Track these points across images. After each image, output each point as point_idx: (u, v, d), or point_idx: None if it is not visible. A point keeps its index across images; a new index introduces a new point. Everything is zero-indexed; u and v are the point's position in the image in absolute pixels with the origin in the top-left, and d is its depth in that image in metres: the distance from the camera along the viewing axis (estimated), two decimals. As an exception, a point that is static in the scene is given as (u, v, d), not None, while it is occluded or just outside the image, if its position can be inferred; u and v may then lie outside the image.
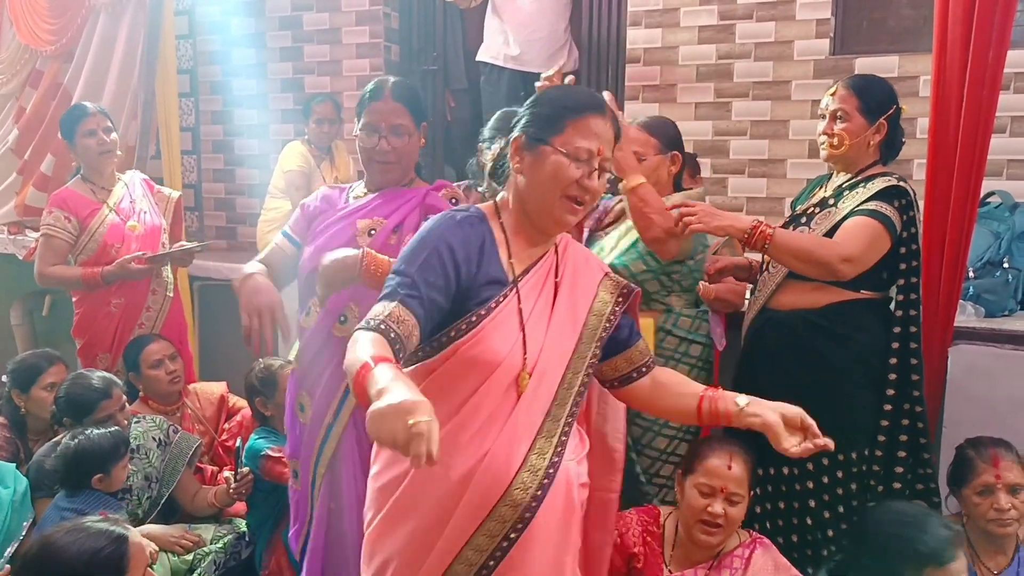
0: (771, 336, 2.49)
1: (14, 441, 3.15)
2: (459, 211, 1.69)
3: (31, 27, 4.90)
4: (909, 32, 3.51)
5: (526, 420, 1.61)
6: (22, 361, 3.26)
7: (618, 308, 1.74)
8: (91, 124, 3.35)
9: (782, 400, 2.40)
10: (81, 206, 3.35)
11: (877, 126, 2.36)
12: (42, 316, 5.15)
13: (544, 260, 1.70)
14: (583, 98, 1.65)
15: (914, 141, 3.37)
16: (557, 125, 1.59)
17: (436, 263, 1.56)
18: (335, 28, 4.66)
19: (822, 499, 2.45)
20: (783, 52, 3.68)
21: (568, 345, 1.68)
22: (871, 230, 2.28)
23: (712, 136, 3.83)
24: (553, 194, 1.60)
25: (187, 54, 4.99)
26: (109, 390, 2.85)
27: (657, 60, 3.92)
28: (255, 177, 4.87)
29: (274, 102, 4.84)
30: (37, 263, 3.39)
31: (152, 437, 2.93)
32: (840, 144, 2.37)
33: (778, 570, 2.19)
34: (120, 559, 1.66)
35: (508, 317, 1.61)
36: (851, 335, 2.40)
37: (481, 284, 1.60)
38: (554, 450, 1.63)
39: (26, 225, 4.98)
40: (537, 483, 1.60)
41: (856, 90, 2.37)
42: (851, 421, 2.42)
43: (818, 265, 2.29)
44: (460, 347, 1.58)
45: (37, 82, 5.03)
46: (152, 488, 2.90)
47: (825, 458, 2.41)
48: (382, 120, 2.17)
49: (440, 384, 1.59)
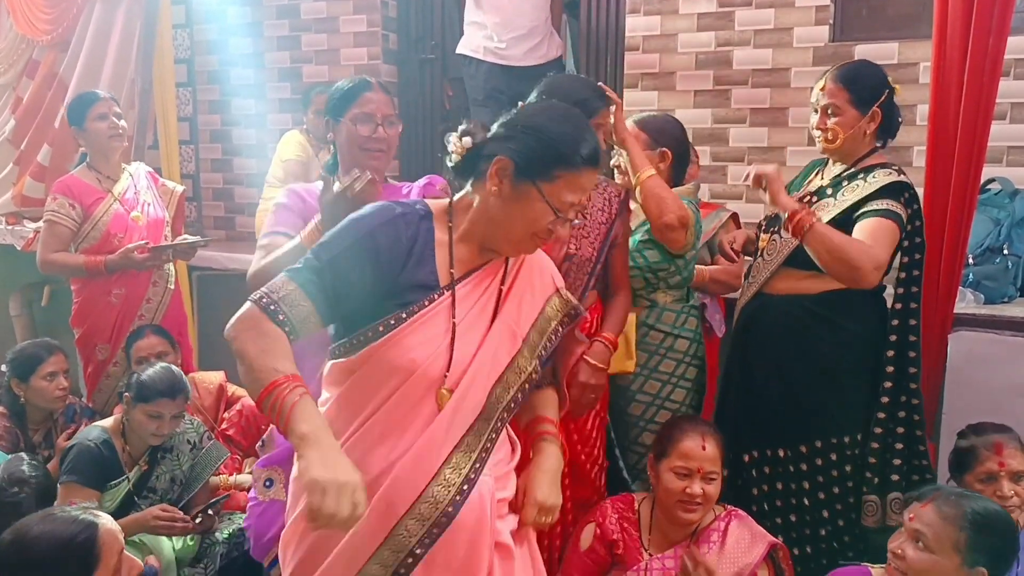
0: (764, 320, 2.50)
1: (14, 431, 3.16)
2: (401, 204, 1.62)
3: (27, 16, 4.87)
4: (909, 18, 3.49)
5: (444, 434, 1.55)
6: (21, 351, 3.26)
7: (561, 328, 1.70)
8: (102, 108, 3.35)
9: (772, 385, 2.48)
10: (86, 194, 3.35)
11: (871, 114, 2.34)
12: (41, 306, 5.15)
13: (488, 266, 1.64)
14: (584, 148, 1.54)
15: (914, 128, 3.38)
16: (549, 172, 1.52)
17: (354, 258, 1.51)
18: (333, 17, 4.64)
19: (816, 480, 2.46)
20: (782, 39, 3.66)
21: (504, 357, 1.61)
22: (890, 232, 2.29)
23: (711, 124, 3.82)
24: (523, 232, 1.56)
25: (184, 43, 4.97)
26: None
27: (656, 48, 3.91)
28: (253, 167, 4.86)
29: (272, 91, 4.83)
30: (40, 249, 3.39)
31: (187, 440, 2.91)
32: (835, 138, 2.36)
33: (754, 538, 2.23)
34: (91, 546, 1.65)
35: (432, 323, 1.55)
36: (845, 324, 2.40)
37: (406, 287, 1.54)
38: (472, 465, 1.57)
39: (23, 215, 4.97)
40: (449, 498, 1.53)
41: (845, 82, 2.34)
42: (842, 406, 2.44)
43: (851, 268, 2.24)
44: (375, 351, 1.53)
45: (34, 72, 5.00)
46: (174, 491, 2.89)
47: (818, 440, 2.43)
48: (378, 110, 2.21)
49: (358, 385, 1.55)
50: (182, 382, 2.83)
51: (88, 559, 1.64)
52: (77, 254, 3.34)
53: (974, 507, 1.87)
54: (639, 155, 2.45)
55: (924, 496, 1.94)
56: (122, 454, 2.82)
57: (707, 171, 3.73)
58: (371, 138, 2.21)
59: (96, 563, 1.64)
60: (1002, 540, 1.89)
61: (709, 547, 2.21)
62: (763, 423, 2.49)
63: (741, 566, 2.18)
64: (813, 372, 2.41)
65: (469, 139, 1.59)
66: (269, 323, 1.46)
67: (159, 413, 2.76)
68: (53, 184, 3.49)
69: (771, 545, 2.22)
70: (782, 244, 2.44)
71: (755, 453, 2.54)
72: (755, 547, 2.20)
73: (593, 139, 1.58)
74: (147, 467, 2.85)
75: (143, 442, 2.82)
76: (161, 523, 2.67)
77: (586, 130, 1.59)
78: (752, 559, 2.19)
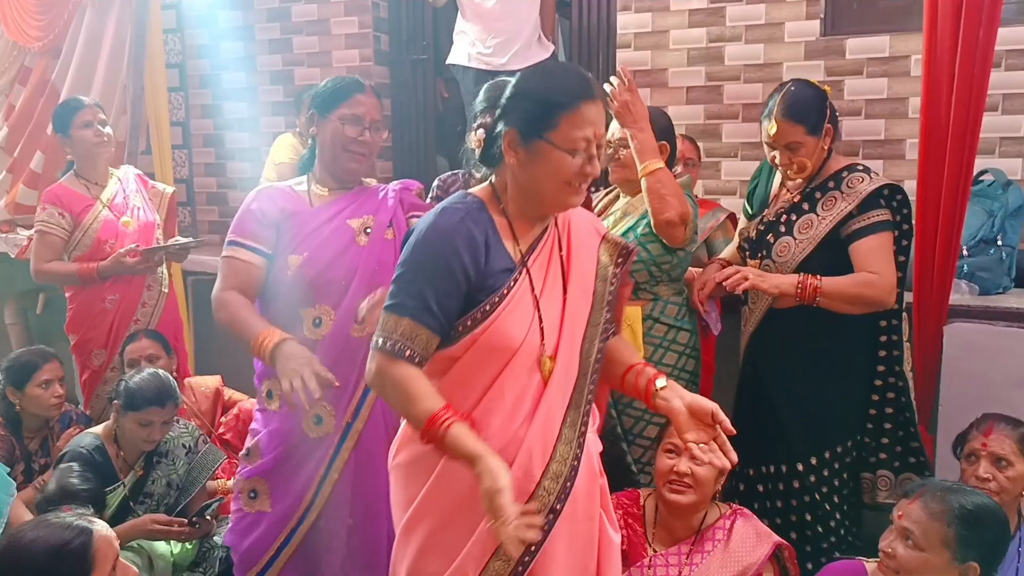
0: (772, 336, 2.53)
1: (9, 439, 3.16)
2: (456, 205, 1.65)
3: (19, 23, 4.86)
4: (899, 11, 3.50)
5: (558, 398, 1.64)
6: (16, 359, 3.25)
7: (619, 270, 1.76)
8: (87, 116, 3.34)
9: (781, 398, 2.49)
10: (75, 202, 3.33)
11: (825, 131, 2.39)
12: (36, 314, 5.13)
13: (547, 235, 1.70)
14: (572, 86, 1.59)
15: (906, 121, 3.38)
16: (550, 120, 1.56)
17: (445, 270, 1.57)
18: (324, 19, 4.63)
19: (820, 492, 2.48)
20: (774, 34, 3.67)
21: (583, 316, 1.69)
22: (888, 245, 2.37)
23: (704, 120, 3.82)
24: (556, 185, 1.59)
25: (175, 48, 4.96)
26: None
27: (648, 44, 3.90)
28: (246, 170, 4.85)
29: (264, 95, 4.82)
30: (32, 260, 3.38)
31: (182, 444, 2.91)
32: (803, 168, 2.41)
33: (760, 537, 2.22)
34: (86, 552, 1.64)
35: (521, 301, 1.62)
36: (844, 326, 2.41)
37: (490, 275, 1.61)
38: (581, 419, 1.67)
39: (17, 223, 4.96)
40: (572, 453, 1.64)
41: (796, 118, 2.36)
42: (844, 413, 2.48)
43: (873, 304, 2.36)
44: (477, 337, 1.60)
45: (26, 79, 4.99)
46: (171, 495, 2.88)
47: (814, 457, 2.46)
48: (367, 113, 2.22)
49: (464, 372, 1.62)
50: (170, 388, 2.82)
51: (82, 566, 1.63)
52: (70, 263, 3.33)
53: (961, 502, 1.86)
54: (651, 143, 2.43)
55: (911, 492, 1.94)
56: (116, 460, 2.81)
57: (701, 167, 3.73)
58: (357, 140, 2.21)
59: (90, 570, 1.63)
60: (991, 533, 1.88)
61: (714, 544, 2.21)
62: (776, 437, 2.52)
63: (745, 565, 2.17)
64: (819, 384, 2.44)
65: (482, 130, 1.67)
66: (402, 364, 1.56)
67: (149, 421, 2.75)
68: (42, 193, 3.48)
69: (776, 545, 2.21)
70: (778, 268, 2.46)
71: (750, 471, 2.58)
72: (760, 546, 2.19)
73: (579, 75, 1.62)
74: (143, 472, 2.84)
75: (136, 448, 2.82)
76: (158, 528, 2.66)
77: (569, 71, 1.65)
78: (756, 558, 2.17)
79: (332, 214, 2.23)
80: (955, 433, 2.38)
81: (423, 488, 1.65)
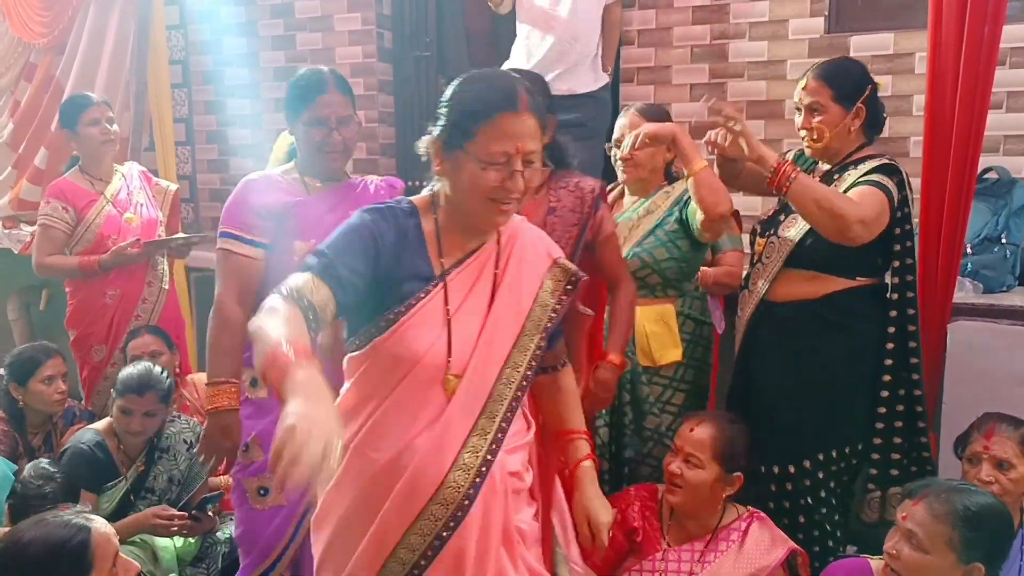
0: (768, 329, 2.48)
1: (12, 435, 3.16)
2: (387, 203, 1.66)
3: (23, 19, 4.86)
4: (904, 8, 3.49)
5: (458, 421, 1.58)
6: (19, 354, 3.26)
7: (565, 297, 1.69)
8: (95, 113, 3.35)
9: (779, 399, 2.45)
10: (78, 196, 3.34)
11: (855, 111, 2.33)
12: (39, 310, 5.14)
13: (480, 252, 1.64)
14: (494, 96, 1.53)
15: (910, 118, 3.37)
16: (470, 130, 1.51)
17: (357, 245, 1.54)
18: (327, 15, 4.62)
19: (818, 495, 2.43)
20: (778, 31, 3.66)
21: (508, 339, 1.63)
22: (878, 199, 2.26)
23: (708, 117, 3.80)
24: (476, 199, 1.55)
25: (179, 44, 4.95)
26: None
27: (651, 42, 3.90)
28: (249, 167, 4.78)
29: (267, 91, 4.81)
30: (35, 253, 3.39)
31: (183, 439, 2.92)
32: (820, 137, 2.34)
33: (774, 542, 2.24)
34: (84, 550, 1.65)
35: (430, 314, 1.57)
36: (850, 325, 2.38)
37: (402, 278, 1.57)
38: (488, 447, 1.59)
39: (21, 219, 4.96)
40: (469, 481, 1.57)
41: (827, 79, 2.32)
42: (849, 418, 2.42)
43: (835, 216, 2.21)
44: (379, 345, 1.57)
45: (31, 75, 4.99)
46: (173, 490, 2.89)
47: (820, 453, 2.41)
48: (332, 113, 2.20)
49: (369, 375, 1.60)
50: (155, 380, 2.82)
51: (82, 563, 1.64)
52: (71, 256, 3.34)
53: (965, 503, 1.85)
54: (691, 145, 2.42)
55: (915, 493, 1.93)
56: (117, 454, 2.83)
57: (704, 164, 3.72)
58: (327, 141, 2.21)
59: (90, 567, 1.64)
60: (996, 534, 1.88)
61: (728, 545, 2.22)
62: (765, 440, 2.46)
63: (758, 568, 2.19)
64: (819, 386, 2.39)
65: (427, 136, 1.61)
66: (291, 305, 1.41)
67: (129, 409, 2.77)
68: (46, 188, 3.49)
69: (791, 551, 2.21)
70: (780, 244, 2.42)
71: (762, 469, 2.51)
72: (774, 550, 2.21)
73: (506, 85, 1.54)
74: (144, 467, 2.85)
75: (127, 439, 2.83)
76: (160, 522, 2.66)
77: (499, 79, 1.59)
78: (770, 562, 2.19)
79: (333, 204, 2.24)
80: (958, 432, 2.37)
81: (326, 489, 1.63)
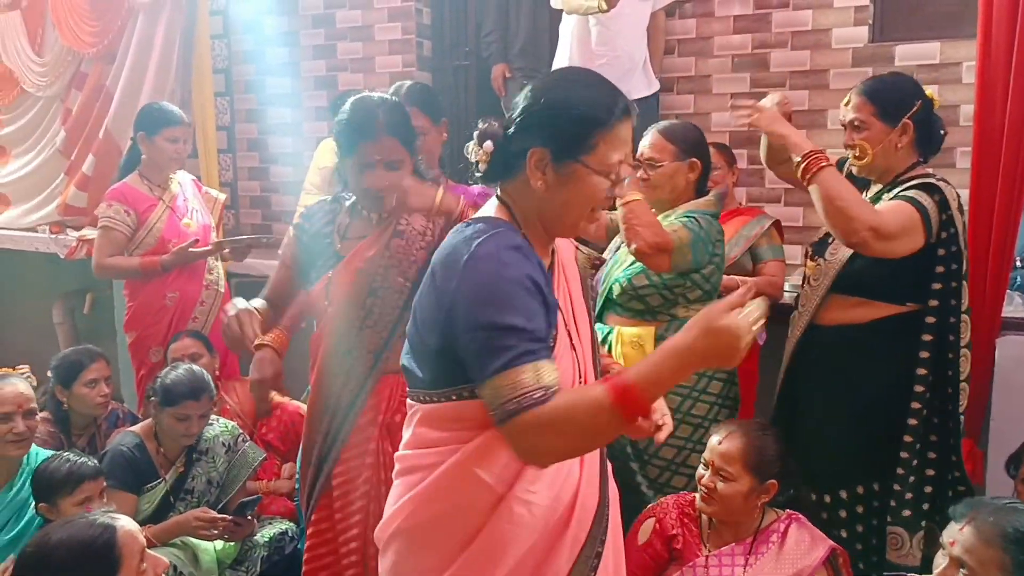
0: (814, 353, 2.44)
1: (58, 436, 3.21)
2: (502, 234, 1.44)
3: (74, 30, 4.97)
4: (950, 17, 3.44)
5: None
6: (65, 358, 3.31)
7: (592, 281, 1.73)
8: (178, 133, 3.44)
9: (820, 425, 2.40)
10: (139, 200, 3.43)
11: (901, 127, 2.26)
12: (83, 314, 5.24)
13: (554, 260, 1.58)
14: (609, 102, 1.45)
15: (957, 129, 3.31)
16: (588, 142, 1.42)
17: (537, 305, 1.39)
18: (367, 25, 4.67)
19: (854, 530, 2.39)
20: (820, 40, 3.62)
21: (589, 341, 1.61)
22: (906, 214, 2.20)
23: (748, 127, 3.78)
24: (580, 211, 1.47)
25: (222, 53, 5.03)
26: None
27: (692, 51, 3.88)
28: (289, 175, 4.90)
29: (307, 100, 4.87)
30: (95, 254, 3.47)
31: (221, 442, 2.95)
32: (863, 154, 2.29)
33: (814, 541, 2.21)
34: (111, 550, 1.66)
35: (563, 340, 1.50)
36: (896, 352, 2.32)
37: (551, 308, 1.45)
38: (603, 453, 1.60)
39: (67, 225, 5.06)
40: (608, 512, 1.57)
41: (870, 96, 2.28)
42: (892, 450, 2.34)
43: (847, 219, 2.16)
44: None
45: (81, 84, 5.09)
46: (212, 492, 2.92)
47: (860, 485, 2.37)
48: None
49: None
50: (204, 382, 2.87)
51: (109, 561, 1.65)
52: (131, 257, 3.42)
53: (1015, 524, 1.77)
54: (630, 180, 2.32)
55: (961, 517, 1.86)
56: (156, 456, 2.86)
57: (744, 175, 3.70)
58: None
59: (118, 565, 1.65)
60: None
61: (768, 547, 2.21)
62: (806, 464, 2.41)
63: (799, 567, 2.17)
64: (862, 413, 2.34)
65: (490, 143, 1.51)
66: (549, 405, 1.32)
67: (186, 415, 2.80)
68: (105, 192, 3.57)
69: (832, 549, 2.20)
70: (827, 266, 2.39)
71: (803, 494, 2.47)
72: (815, 550, 2.19)
73: (613, 89, 1.47)
74: (183, 469, 2.88)
75: (176, 443, 2.86)
76: (201, 524, 2.69)
77: (603, 84, 1.49)
78: (811, 561, 2.17)
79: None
80: (1006, 447, 2.32)
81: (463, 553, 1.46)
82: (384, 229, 2.22)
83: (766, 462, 2.23)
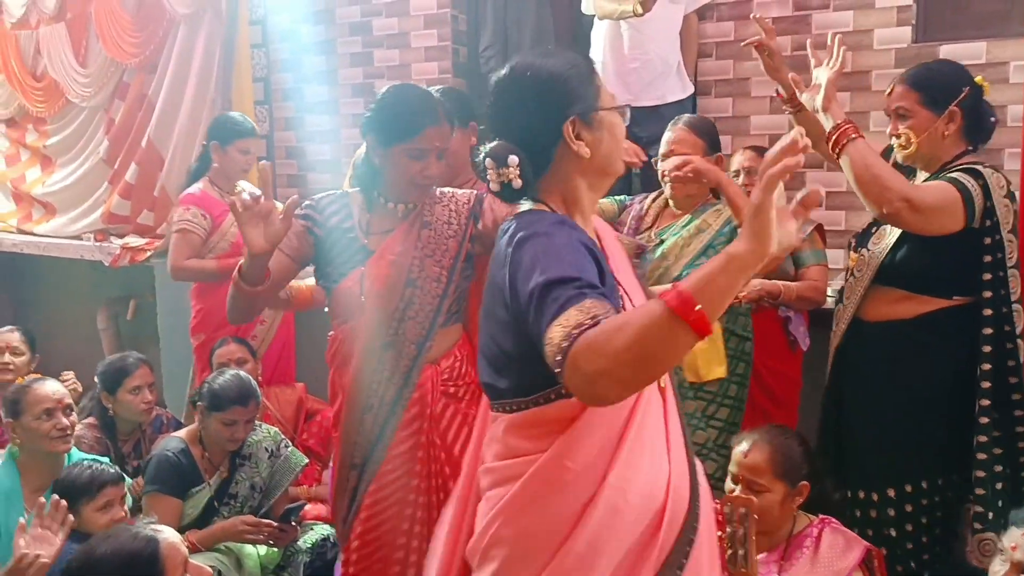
0: (858, 348, 2.40)
1: (104, 441, 3.26)
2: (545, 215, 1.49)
3: (116, 40, 5.06)
4: (996, 16, 3.36)
5: (676, 412, 1.54)
6: (110, 364, 3.37)
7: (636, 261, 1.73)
8: (250, 145, 3.55)
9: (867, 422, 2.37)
10: (214, 206, 3.50)
11: (948, 115, 2.23)
12: (127, 320, 5.32)
13: (601, 243, 1.58)
14: (580, 57, 1.59)
15: (1005, 129, 3.24)
16: (592, 91, 1.53)
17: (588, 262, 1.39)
18: (404, 32, 4.69)
19: (904, 529, 2.34)
20: (862, 41, 3.56)
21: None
22: (945, 192, 2.17)
23: (788, 130, 3.73)
24: (621, 147, 1.58)
25: (261, 62, 5.08)
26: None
27: (730, 54, 3.84)
28: (327, 182, 4.93)
29: (345, 107, 4.90)
30: (171, 257, 3.52)
31: (264, 448, 2.98)
32: (908, 143, 2.26)
33: (849, 543, 2.19)
34: (155, 561, 1.68)
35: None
36: (944, 347, 2.28)
37: (610, 294, 1.41)
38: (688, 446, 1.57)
39: (111, 232, 5.15)
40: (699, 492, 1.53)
41: (914, 83, 2.25)
42: (941, 447, 2.30)
43: (881, 188, 2.14)
44: None
45: (124, 94, 5.19)
46: (255, 497, 2.95)
47: (892, 489, 2.32)
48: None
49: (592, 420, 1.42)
50: (251, 387, 2.90)
51: (153, 574, 1.67)
52: (208, 260, 3.48)
53: None
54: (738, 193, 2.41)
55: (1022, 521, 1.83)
56: (201, 461, 2.89)
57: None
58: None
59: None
60: None
61: (802, 553, 2.18)
62: (850, 462, 2.41)
63: (835, 570, 2.14)
64: (910, 410, 2.29)
65: (514, 156, 1.48)
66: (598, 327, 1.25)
67: (233, 420, 2.83)
68: (180, 197, 3.64)
69: (867, 550, 2.16)
70: (870, 258, 2.36)
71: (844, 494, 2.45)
72: (850, 552, 2.16)
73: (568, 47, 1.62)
74: (227, 474, 2.91)
75: (221, 448, 2.89)
76: (247, 529, 2.72)
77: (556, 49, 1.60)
78: (847, 564, 2.14)
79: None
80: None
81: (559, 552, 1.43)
82: (412, 221, 2.22)
83: (795, 466, 2.20)
